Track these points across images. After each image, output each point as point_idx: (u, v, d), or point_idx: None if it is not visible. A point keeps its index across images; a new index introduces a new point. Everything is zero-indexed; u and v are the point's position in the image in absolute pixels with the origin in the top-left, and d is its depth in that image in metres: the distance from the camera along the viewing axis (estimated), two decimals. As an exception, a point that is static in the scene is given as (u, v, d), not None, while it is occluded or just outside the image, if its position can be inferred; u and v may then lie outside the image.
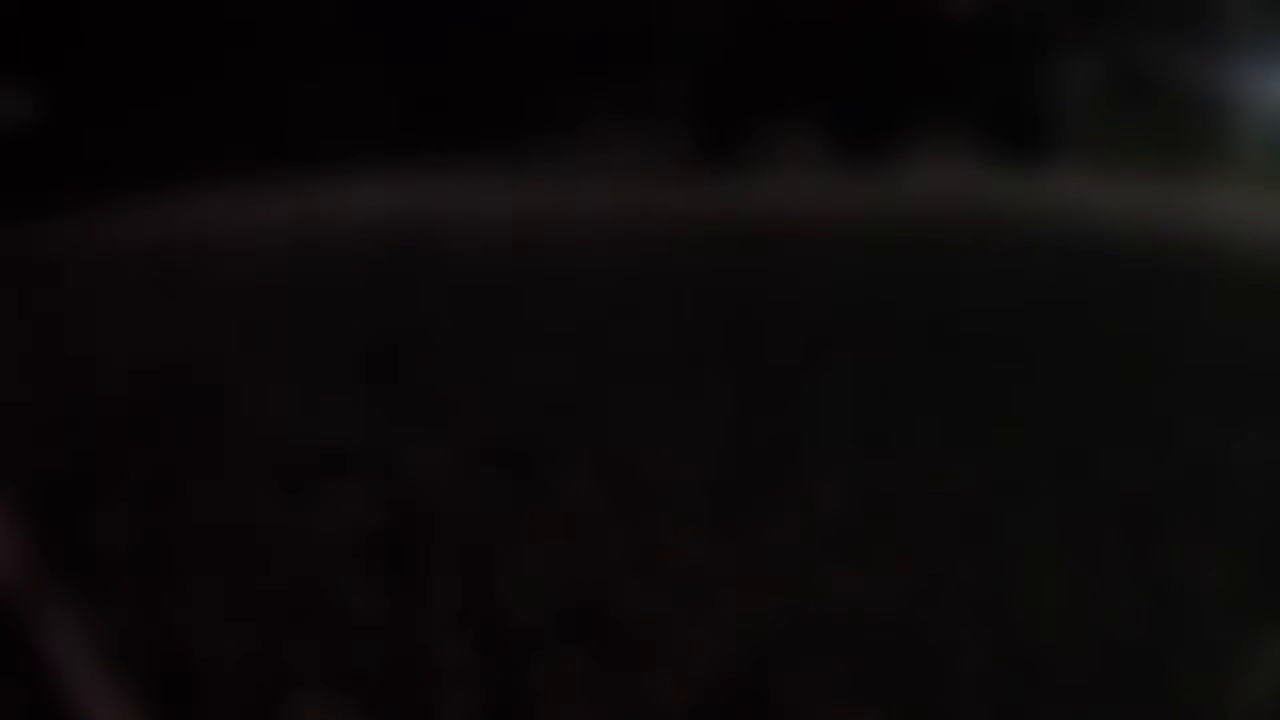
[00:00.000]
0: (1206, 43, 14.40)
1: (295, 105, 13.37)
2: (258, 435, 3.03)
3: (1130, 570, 2.31)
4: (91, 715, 0.77)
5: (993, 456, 2.87)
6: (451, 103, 14.10)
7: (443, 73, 14.28)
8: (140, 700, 1.55)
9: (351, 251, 6.26)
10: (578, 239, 6.32)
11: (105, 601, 2.06)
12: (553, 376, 3.36)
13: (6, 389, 3.61)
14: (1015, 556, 2.34)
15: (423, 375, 3.43)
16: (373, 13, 14.13)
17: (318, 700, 1.87)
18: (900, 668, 1.94)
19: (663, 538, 2.30)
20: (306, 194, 9.67)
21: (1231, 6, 14.17)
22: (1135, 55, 13.64)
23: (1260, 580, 2.28)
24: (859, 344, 3.86)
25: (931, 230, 6.98)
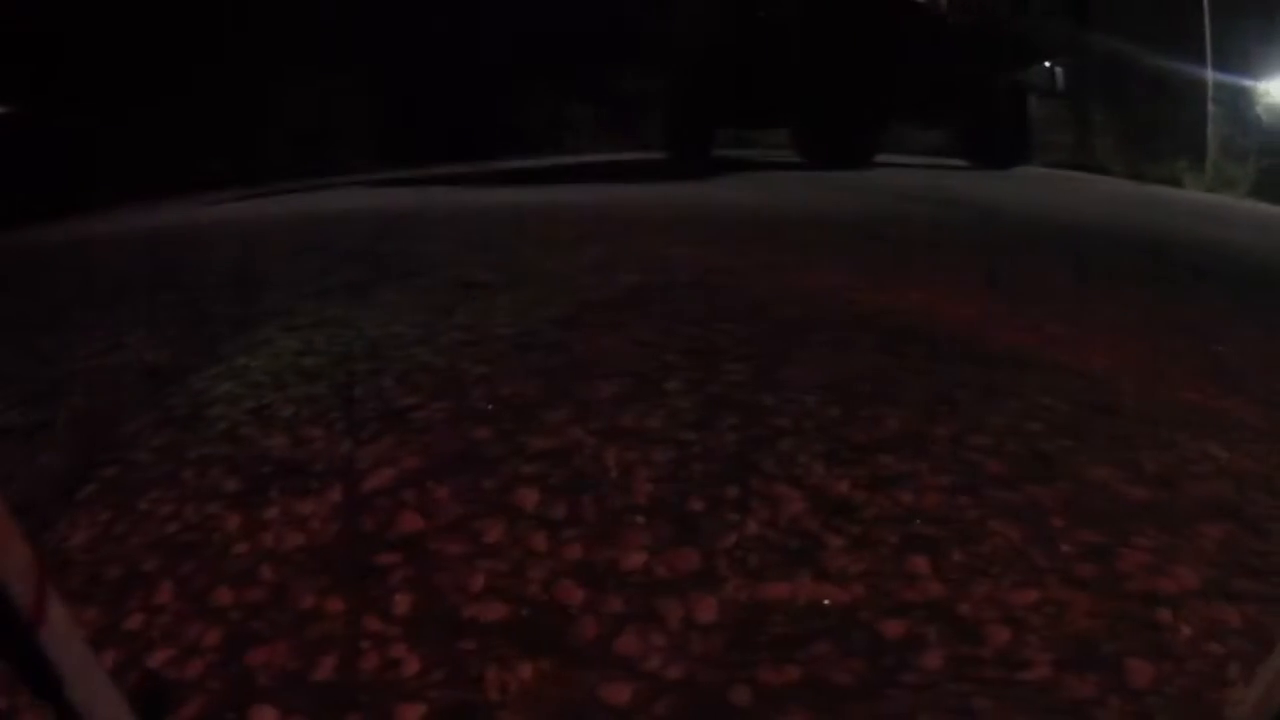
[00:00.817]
0: (1172, 46, 14.47)
1: (278, 113, 13.40)
2: (219, 441, 3.05)
3: (1096, 573, 2.28)
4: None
5: (957, 457, 2.83)
6: (432, 105, 14.13)
7: (424, 76, 14.32)
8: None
9: (318, 246, 6.23)
10: (549, 234, 6.35)
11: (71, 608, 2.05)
12: (513, 377, 3.37)
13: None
14: (976, 560, 2.32)
15: (382, 379, 3.41)
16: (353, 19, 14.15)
17: (277, 710, 1.86)
18: (855, 670, 1.95)
19: (618, 544, 2.33)
20: (284, 197, 9.69)
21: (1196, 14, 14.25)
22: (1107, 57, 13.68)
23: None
24: (827, 341, 3.84)
25: (905, 226, 6.92)
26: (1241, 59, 16.30)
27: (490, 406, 3.09)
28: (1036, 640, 2.03)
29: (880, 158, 11.11)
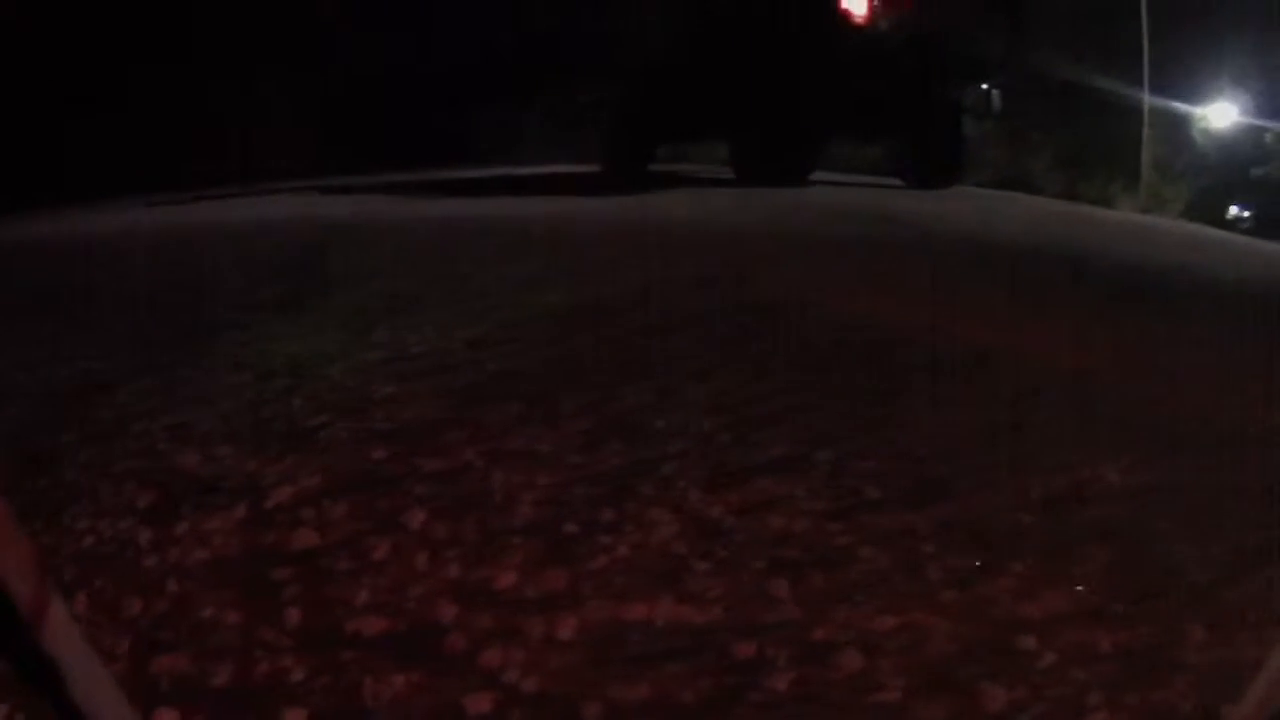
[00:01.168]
0: (1110, 70, 14.70)
1: (224, 116, 13.38)
2: (138, 457, 3.20)
3: (962, 599, 2.40)
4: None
5: (837, 482, 2.94)
6: (380, 118, 14.13)
7: (375, 88, 14.32)
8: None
9: (255, 255, 6.26)
10: (480, 248, 6.39)
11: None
12: (419, 398, 3.52)
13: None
14: (838, 586, 2.44)
15: (295, 397, 3.57)
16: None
17: (177, 712, 2.00)
18: (702, 689, 2.09)
19: (493, 564, 2.48)
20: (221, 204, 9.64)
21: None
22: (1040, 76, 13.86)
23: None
24: (733, 360, 3.95)
25: (832, 244, 6.96)
26: (1180, 84, 16.68)
27: (393, 424, 3.26)
28: (889, 665, 2.15)
29: (816, 175, 11.18)
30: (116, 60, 13.03)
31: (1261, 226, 17.22)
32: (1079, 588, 2.45)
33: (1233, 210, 18.46)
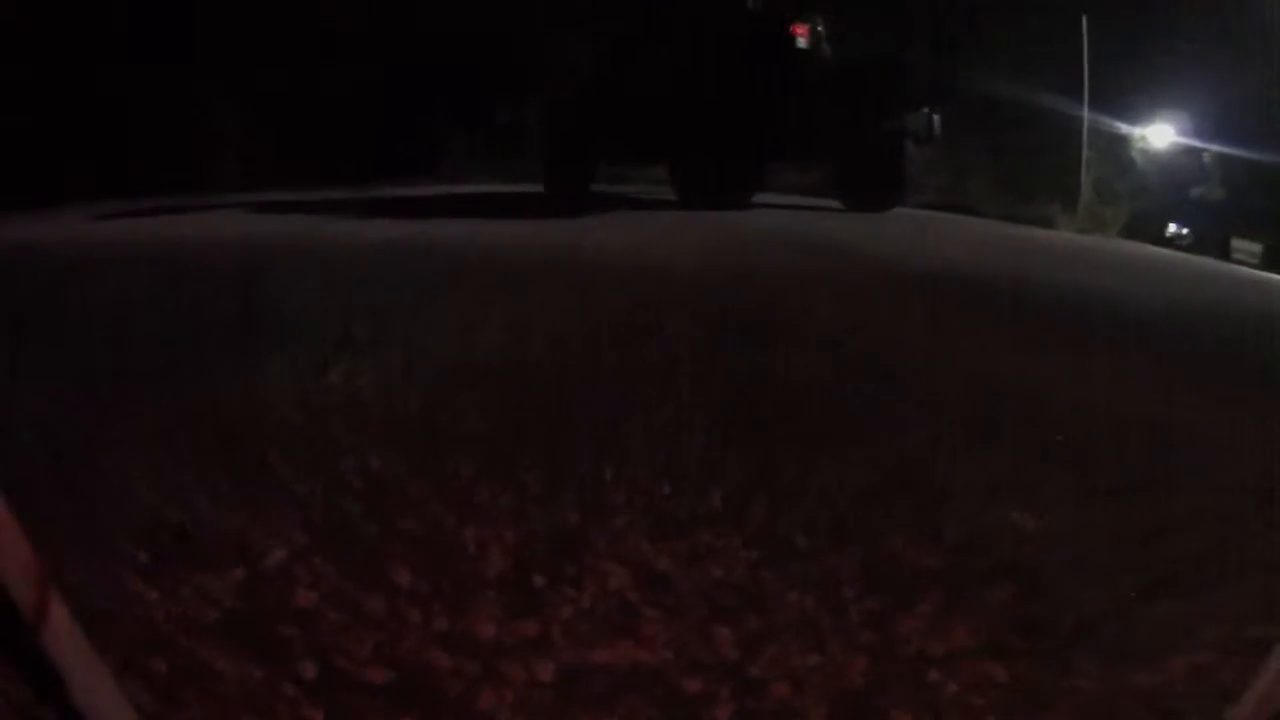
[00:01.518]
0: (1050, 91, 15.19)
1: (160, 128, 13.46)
2: (126, 511, 3.42)
3: (877, 638, 2.79)
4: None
5: (768, 533, 3.36)
6: (319, 135, 14.25)
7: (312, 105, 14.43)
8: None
9: (195, 278, 6.49)
10: (421, 280, 6.59)
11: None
12: (380, 448, 3.84)
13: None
14: (770, 627, 2.87)
15: (265, 447, 3.84)
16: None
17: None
18: (661, 716, 2.54)
19: (473, 614, 2.89)
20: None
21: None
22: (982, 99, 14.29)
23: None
24: (669, 410, 4.25)
25: (768, 277, 7.19)
26: (1118, 105, 17.31)
27: (366, 480, 3.61)
28: (813, 695, 2.58)
29: (758, 198, 11.61)
30: (53, 63, 13.09)
31: (1200, 244, 18.07)
32: (980, 624, 2.82)
33: (1172, 228, 19.28)
